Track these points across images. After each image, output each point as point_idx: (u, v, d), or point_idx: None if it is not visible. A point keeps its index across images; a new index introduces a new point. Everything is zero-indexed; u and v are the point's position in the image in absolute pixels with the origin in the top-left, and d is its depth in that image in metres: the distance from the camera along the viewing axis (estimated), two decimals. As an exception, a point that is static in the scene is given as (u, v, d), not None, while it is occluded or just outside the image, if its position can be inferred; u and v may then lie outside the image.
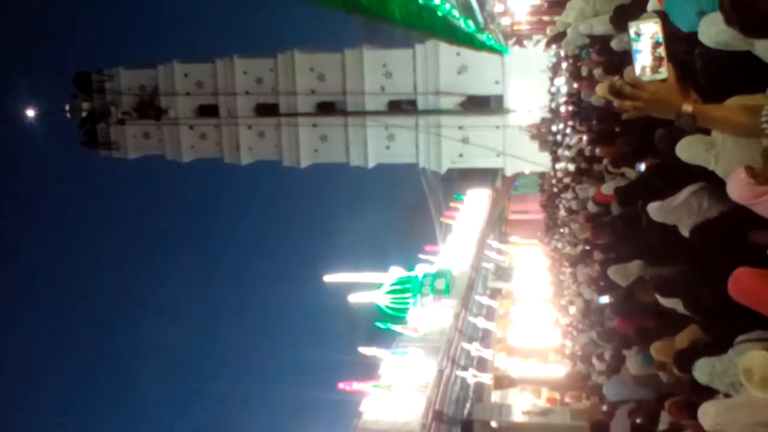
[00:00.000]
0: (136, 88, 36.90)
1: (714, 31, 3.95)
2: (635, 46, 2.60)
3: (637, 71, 2.62)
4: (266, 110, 36.19)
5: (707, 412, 4.12)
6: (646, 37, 2.59)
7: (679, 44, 4.68)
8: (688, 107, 2.62)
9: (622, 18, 7.46)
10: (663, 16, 4.56)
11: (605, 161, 9.23)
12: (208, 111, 36.74)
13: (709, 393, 5.09)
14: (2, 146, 62.00)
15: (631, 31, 2.59)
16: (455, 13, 8.91)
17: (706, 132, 4.17)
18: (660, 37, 2.58)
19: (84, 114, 37.67)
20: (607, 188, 9.14)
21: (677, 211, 5.31)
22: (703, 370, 4.82)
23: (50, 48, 67.60)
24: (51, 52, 67.16)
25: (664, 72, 2.60)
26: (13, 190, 69.68)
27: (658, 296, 5.74)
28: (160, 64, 36.86)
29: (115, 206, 76.07)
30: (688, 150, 4.42)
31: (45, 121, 41.00)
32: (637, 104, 2.65)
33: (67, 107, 37.95)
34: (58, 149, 52.65)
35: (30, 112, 40.10)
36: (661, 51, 2.59)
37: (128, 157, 38.49)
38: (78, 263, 71.88)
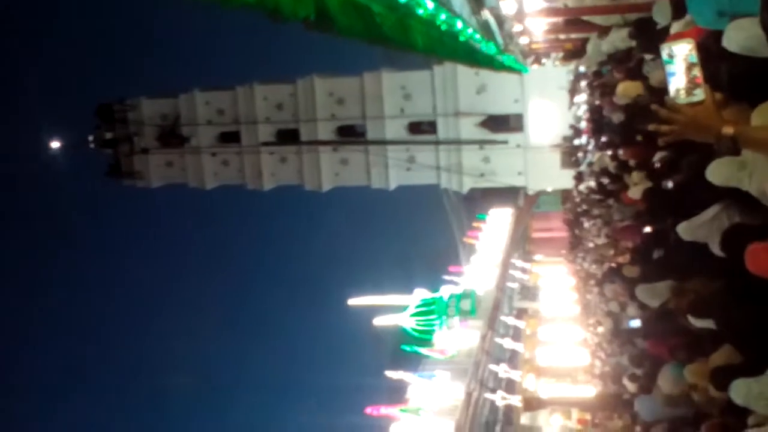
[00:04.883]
0: (158, 117, 37.26)
1: (743, 36, 3.88)
2: (669, 68, 2.51)
3: (672, 93, 2.52)
4: (287, 136, 36.38)
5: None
6: (679, 59, 2.50)
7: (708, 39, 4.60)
8: (728, 130, 2.49)
9: (643, 31, 7.40)
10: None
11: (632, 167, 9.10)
12: (230, 138, 37.00)
13: (744, 415, 4.94)
14: (29, 179, 62.87)
15: (664, 53, 2.50)
16: (477, 36, 8.84)
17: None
18: (694, 57, 2.49)
19: (107, 144, 38.13)
20: (634, 192, 8.98)
21: (707, 227, 5.18)
22: (739, 391, 4.68)
23: (73, 79, 68.70)
24: (74, 84, 68.29)
25: (699, 94, 2.50)
26: (41, 222, 70.55)
27: (690, 318, 5.59)
28: (181, 93, 37.24)
29: (140, 234, 76.70)
30: (720, 173, 4.30)
31: (70, 152, 41.54)
32: (674, 128, 2.55)
33: (90, 138, 38.45)
34: (83, 180, 53.33)
35: (55, 144, 40.70)
36: (696, 72, 2.50)
37: (152, 186, 38.85)
38: (107, 292, 72.53)
